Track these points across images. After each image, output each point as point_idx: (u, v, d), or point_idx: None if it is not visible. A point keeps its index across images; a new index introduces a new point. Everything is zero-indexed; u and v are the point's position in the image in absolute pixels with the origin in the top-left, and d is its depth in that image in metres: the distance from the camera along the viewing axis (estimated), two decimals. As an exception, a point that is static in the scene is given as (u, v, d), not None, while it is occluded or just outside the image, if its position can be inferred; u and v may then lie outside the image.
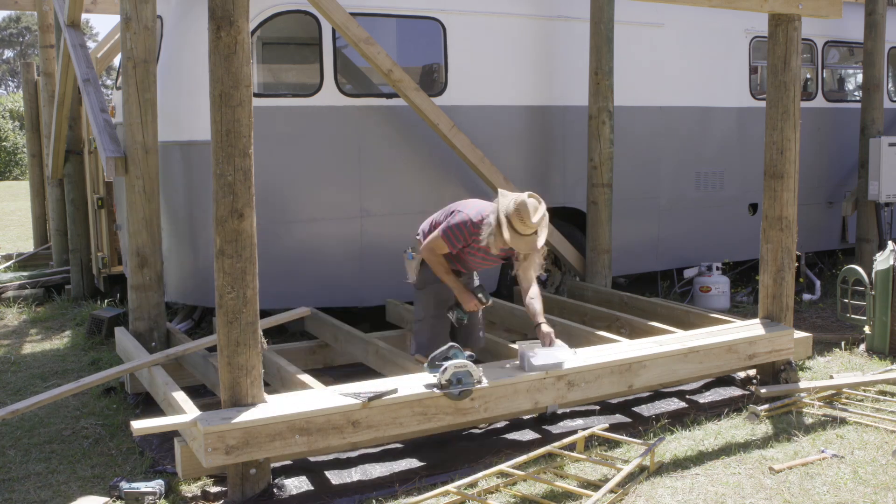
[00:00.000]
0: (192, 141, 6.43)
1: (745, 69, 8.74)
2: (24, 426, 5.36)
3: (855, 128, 9.39)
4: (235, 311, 4.02)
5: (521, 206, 4.69)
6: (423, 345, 5.14)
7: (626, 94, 7.79)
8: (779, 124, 5.67)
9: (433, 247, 5.00)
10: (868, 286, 6.72)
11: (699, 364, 5.36)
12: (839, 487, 4.25)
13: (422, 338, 5.19)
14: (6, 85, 63.27)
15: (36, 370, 6.63)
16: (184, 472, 4.27)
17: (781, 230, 5.73)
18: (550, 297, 7.15)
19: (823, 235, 9.66)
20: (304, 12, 6.57)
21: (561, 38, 7.65)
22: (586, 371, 4.91)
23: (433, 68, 7.23)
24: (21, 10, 16.31)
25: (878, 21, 9.02)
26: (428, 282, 5.17)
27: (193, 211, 6.53)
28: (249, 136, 3.98)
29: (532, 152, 7.62)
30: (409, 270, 5.25)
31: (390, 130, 6.95)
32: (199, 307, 7.34)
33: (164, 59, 6.56)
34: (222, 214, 3.96)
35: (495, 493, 4.24)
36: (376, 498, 4.22)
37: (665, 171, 8.36)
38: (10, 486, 4.46)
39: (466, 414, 4.53)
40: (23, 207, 18.53)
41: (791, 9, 5.53)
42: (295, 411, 4.12)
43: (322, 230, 6.78)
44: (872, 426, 5.06)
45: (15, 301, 9.05)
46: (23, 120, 23.27)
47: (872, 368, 6.22)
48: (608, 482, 4.13)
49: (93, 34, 56.15)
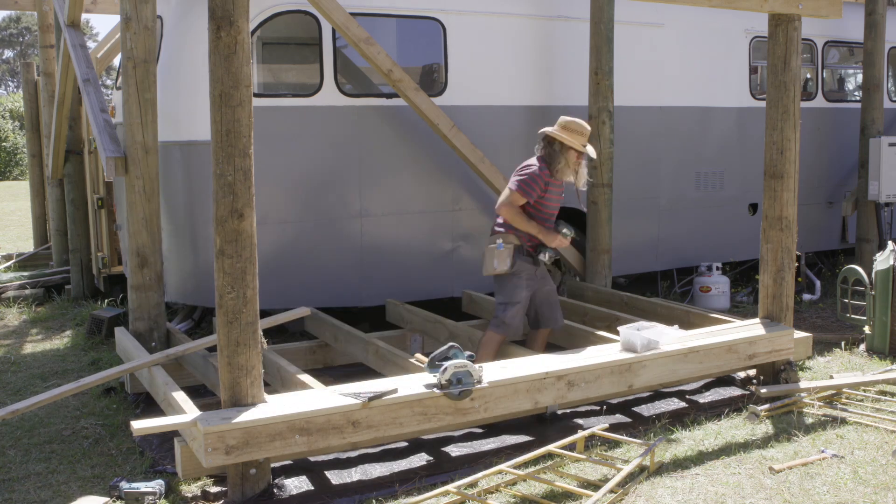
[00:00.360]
0: (192, 141, 6.43)
1: (745, 69, 8.74)
2: (24, 426, 5.36)
3: (855, 128, 9.39)
4: (235, 311, 4.02)
5: (570, 122, 5.47)
6: (517, 329, 5.58)
7: (626, 94, 7.79)
8: (779, 124, 5.68)
9: (511, 201, 5.48)
10: (868, 286, 6.72)
11: (699, 364, 5.36)
12: (839, 487, 4.25)
13: (515, 321, 5.58)
14: (6, 85, 63.28)
15: (36, 370, 6.63)
16: (184, 472, 4.27)
17: (781, 230, 5.73)
18: (550, 297, 7.15)
19: (823, 235, 9.66)
20: (304, 12, 6.57)
21: (561, 38, 7.65)
22: (586, 371, 4.92)
23: (433, 68, 7.23)
24: (21, 10, 16.30)
25: (878, 21, 9.02)
26: (522, 268, 5.56)
27: (193, 211, 6.53)
28: (249, 136, 3.98)
29: (532, 152, 7.60)
30: (502, 260, 5.54)
31: (390, 130, 6.95)
32: (199, 307, 7.34)
33: (164, 59, 6.56)
34: (222, 214, 3.96)
35: (495, 493, 4.24)
36: (376, 498, 4.22)
37: (665, 171, 8.36)
38: (10, 486, 4.46)
39: (466, 414, 4.53)
40: (23, 207, 18.53)
41: (791, 9, 5.54)
42: (295, 411, 4.12)
43: (322, 230, 6.78)
44: (872, 426, 5.06)
45: (15, 301, 9.05)
46: (23, 120, 23.27)
47: (872, 368, 6.22)
48: (608, 482, 4.13)
49: (93, 34, 56.17)
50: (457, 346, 4.59)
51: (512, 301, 5.58)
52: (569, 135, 5.45)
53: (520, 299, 5.58)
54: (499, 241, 5.62)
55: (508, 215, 5.50)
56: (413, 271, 7.14)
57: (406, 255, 7.08)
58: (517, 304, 5.57)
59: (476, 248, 7.36)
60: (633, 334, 5.16)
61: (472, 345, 5.78)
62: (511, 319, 5.57)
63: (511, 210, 5.49)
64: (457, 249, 7.31)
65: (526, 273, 5.58)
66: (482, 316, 6.88)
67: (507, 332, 5.56)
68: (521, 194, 5.46)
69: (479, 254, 7.40)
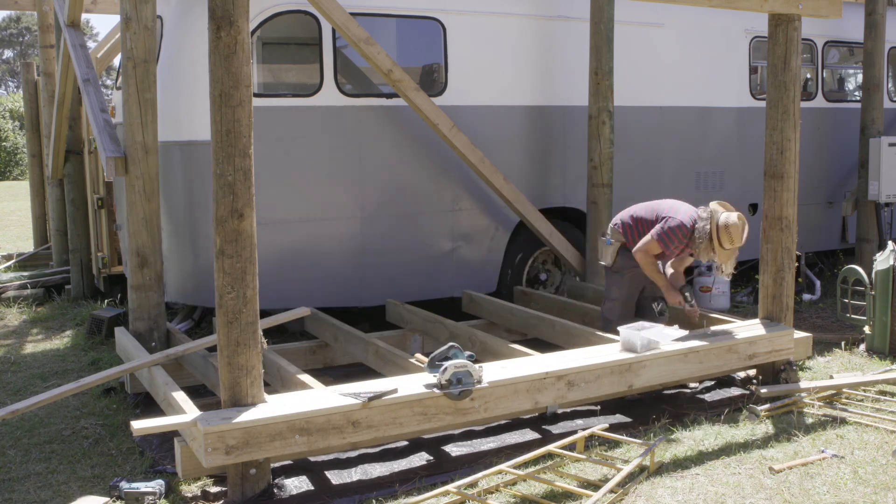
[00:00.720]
0: (192, 141, 6.43)
1: (745, 69, 8.74)
2: (24, 426, 5.36)
3: (855, 128, 9.39)
4: (235, 311, 4.02)
5: (733, 228, 5.43)
6: (609, 322, 5.86)
7: (626, 94, 7.79)
8: (779, 124, 5.68)
9: (647, 249, 5.65)
10: (868, 286, 6.72)
11: (699, 364, 5.36)
12: (839, 487, 4.25)
13: (612, 315, 5.91)
14: (6, 85, 63.28)
15: (36, 370, 6.63)
16: (184, 472, 4.27)
17: (781, 230, 5.73)
18: (550, 297, 7.15)
19: (823, 235, 9.66)
20: (304, 12, 6.57)
21: (561, 38, 7.64)
22: (586, 371, 4.92)
23: (433, 68, 7.23)
24: (21, 10, 16.31)
25: (878, 21, 9.02)
26: (625, 267, 5.87)
27: (193, 211, 6.53)
28: (249, 136, 3.98)
29: (532, 152, 7.62)
30: (606, 254, 5.94)
31: (390, 130, 6.94)
32: (199, 307, 7.34)
33: (164, 59, 6.56)
34: (222, 214, 3.96)
35: (495, 493, 4.24)
36: (376, 498, 4.22)
37: (665, 171, 8.35)
38: (10, 486, 4.46)
39: (466, 414, 4.53)
40: (23, 207, 18.53)
41: (791, 9, 5.54)
42: (295, 411, 4.12)
43: (322, 230, 6.78)
44: (872, 426, 5.06)
45: (15, 301, 9.05)
46: (23, 120, 23.27)
47: (872, 368, 6.22)
48: (608, 482, 4.13)
49: (93, 34, 56.18)
50: (457, 346, 4.59)
51: (610, 297, 5.97)
52: (724, 240, 5.45)
53: (618, 296, 5.89)
54: (606, 235, 5.97)
55: (641, 261, 5.71)
56: (413, 271, 7.14)
57: (406, 255, 7.08)
58: (614, 301, 5.93)
59: (476, 248, 7.37)
60: (633, 334, 5.17)
61: (472, 345, 5.78)
62: (607, 313, 5.93)
63: (645, 258, 5.69)
64: (457, 249, 7.31)
65: (630, 272, 5.83)
66: (482, 316, 6.88)
67: (605, 327, 5.84)
68: (659, 244, 5.62)
69: (478, 254, 7.41)
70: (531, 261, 7.76)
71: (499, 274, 7.55)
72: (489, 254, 7.45)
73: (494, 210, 7.38)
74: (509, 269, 7.59)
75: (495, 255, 7.49)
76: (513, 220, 7.47)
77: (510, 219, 7.46)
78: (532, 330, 6.30)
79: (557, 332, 6.00)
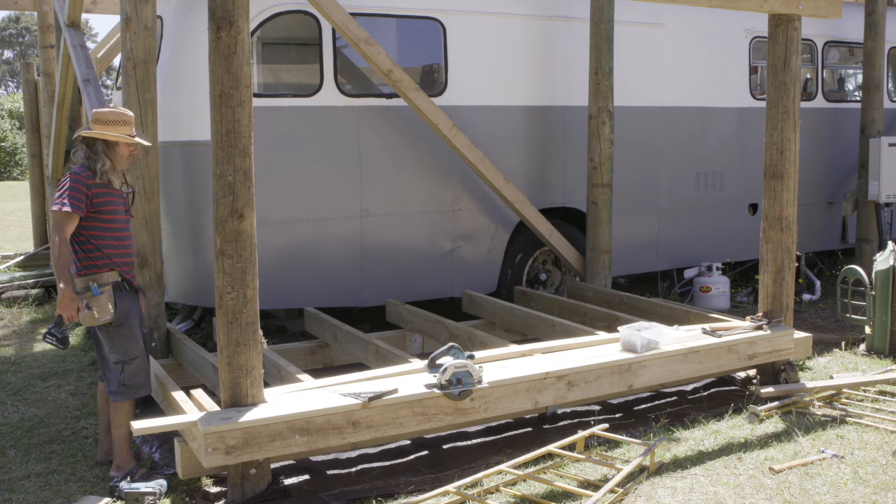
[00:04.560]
0: (192, 141, 6.43)
1: (745, 69, 8.74)
2: (24, 426, 5.36)
3: (855, 128, 9.39)
4: (235, 311, 4.02)
5: (100, 113, 4.35)
6: (138, 389, 4.59)
7: (626, 94, 7.79)
8: (779, 124, 5.68)
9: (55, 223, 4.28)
10: (868, 286, 6.72)
11: (699, 364, 5.36)
12: (839, 487, 4.25)
13: (142, 378, 4.60)
14: (6, 85, 63.28)
15: (36, 370, 6.63)
16: (184, 473, 4.27)
17: (781, 230, 5.73)
18: (550, 297, 7.15)
19: (823, 235, 9.66)
20: (304, 12, 6.57)
21: (561, 38, 7.65)
22: (586, 371, 4.92)
23: (433, 68, 7.23)
24: (21, 10, 16.28)
25: (878, 21, 9.02)
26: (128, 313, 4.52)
27: (193, 211, 6.53)
28: (249, 136, 3.98)
29: (532, 152, 7.62)
30: (101, 308, 4.38)
31: (390, 130, 6.94)
32: (199, 307, 7.34)
33: (164, 59, 6.56)
34: (222, 214, 3.96)
35: (495, 493, 4.23)
36: (376, 498, 4.21)
37: (665, 171, 8.35)
38: (10, 486, 4.46)
39: (466, 414, 4.53)
40: (23, 207, 18.53)
41: (791, 9, 5.54)
42: (295, 411, 4.12)
43: (322, 230, 6.78)
44: (872, 426, 5.06)
45: (15, 301, 9.05)
46: (23, 120, 23.26)
47: (872, 368, 6.22)
48: (608, 482, 4.13)
49: (93, 34, 56.19)
50: (457, 346, 4.59)
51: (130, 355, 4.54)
52: (96, 125, 4.40)
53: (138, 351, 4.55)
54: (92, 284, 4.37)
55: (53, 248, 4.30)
56: (413, 271, 7.14)
57: (406, 255, 7.08)
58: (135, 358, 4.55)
59: (476, 249, 7.37)
60: (633, 334, 5.17)
61: (472, 345, 5.78)
62: (132, 378, 4.49)
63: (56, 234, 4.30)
64: (457, 249, 7.31)
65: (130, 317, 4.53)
66: (482, 316, 6.88)
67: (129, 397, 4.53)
68: (64, 206, 4.27)
69: (478, 254, 7.41)
70: (531, 261, 7.76)
71: (499, 274, 7.55)
72: (489, 254, 7.46)
73: (494, 210, 7.38)
74: (509, 269, 7.59)
75: (495, 255, 7.49)
76: (513, 220, 7.48)
77: (510, 219, 7.46)
78: (532, 330, 6.30)
79: (557, 332, 6.00)
